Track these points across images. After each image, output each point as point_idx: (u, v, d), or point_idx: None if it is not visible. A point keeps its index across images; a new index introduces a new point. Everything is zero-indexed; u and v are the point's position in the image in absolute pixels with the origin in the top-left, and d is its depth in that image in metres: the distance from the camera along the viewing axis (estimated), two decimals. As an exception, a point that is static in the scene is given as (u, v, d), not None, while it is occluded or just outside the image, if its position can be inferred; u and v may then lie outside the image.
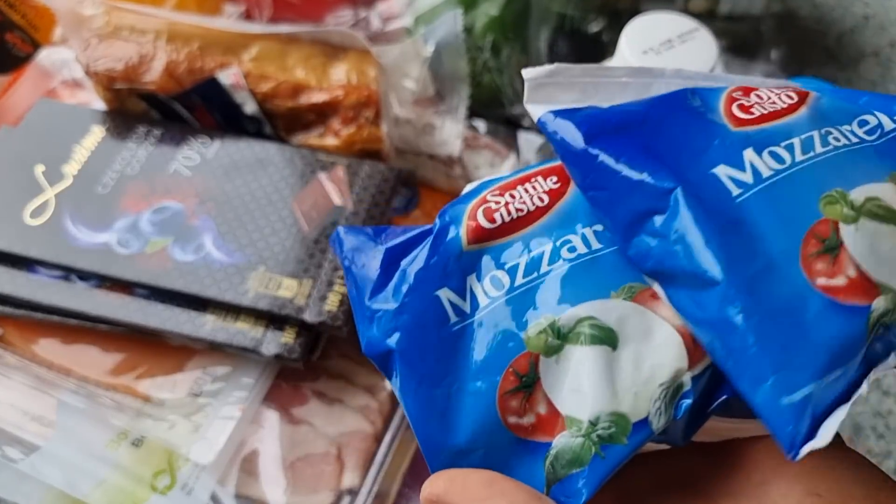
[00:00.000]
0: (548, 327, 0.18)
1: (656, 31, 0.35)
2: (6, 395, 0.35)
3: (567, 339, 0.17)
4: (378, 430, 0.37)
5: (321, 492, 0.35)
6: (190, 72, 0.40)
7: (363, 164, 0.40)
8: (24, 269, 0.37)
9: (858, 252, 0.16)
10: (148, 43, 0.40)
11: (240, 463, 0.35)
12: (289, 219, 0.38)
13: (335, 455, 0.36)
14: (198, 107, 0.41)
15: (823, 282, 0.16)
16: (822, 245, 0.16)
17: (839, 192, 0.17)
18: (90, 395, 0.36)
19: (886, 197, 0.17)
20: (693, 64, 0.34)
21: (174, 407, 0.36)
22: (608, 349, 0.17)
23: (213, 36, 0.41)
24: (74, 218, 0.37)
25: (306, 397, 0.37)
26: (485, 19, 0.45)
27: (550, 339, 0.18)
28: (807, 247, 0.16)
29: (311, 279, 0.36)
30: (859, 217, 0.17)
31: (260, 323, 0.35)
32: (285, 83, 0.40)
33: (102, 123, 0.41)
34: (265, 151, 0.40)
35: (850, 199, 0.17)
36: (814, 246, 0.16)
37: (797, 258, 0.16)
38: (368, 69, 0.41)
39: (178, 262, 0.36)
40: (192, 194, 0.38)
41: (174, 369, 0.37)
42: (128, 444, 0.34)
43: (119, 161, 0.40)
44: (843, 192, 0.17)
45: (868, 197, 0.17)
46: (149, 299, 0.36)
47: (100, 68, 0.40)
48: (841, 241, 0.16)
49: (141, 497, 0.33)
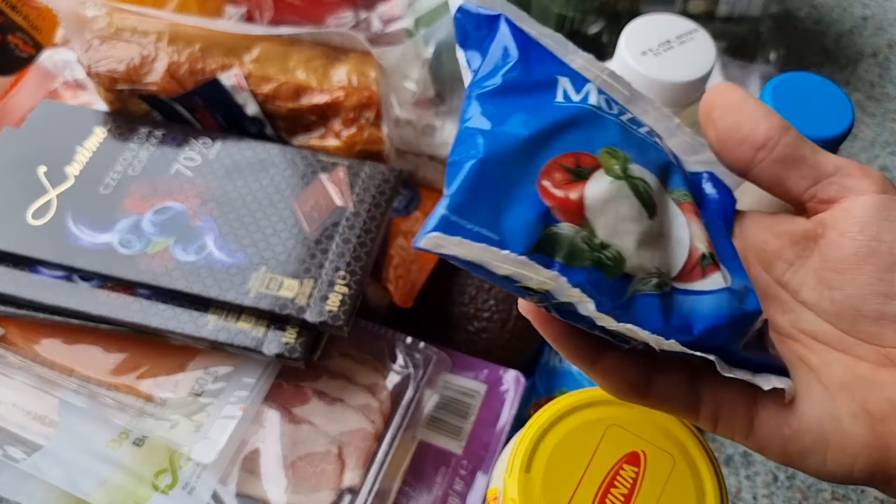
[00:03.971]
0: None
1: (655, 32, 0.35)
2: (8, 395, 0.35)
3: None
4: (379, 429, 0.37)
5: (322, 490, 0.35)
6: (191, 73, 0.40)
7: (364, 165, 0.40)
8: (26, 269, 0.37)
9: (593, 193, 0.19)
10: (150, 44, 0.40)
11: (241, 462, 0.35)
12: (290, 219, 0.38)
13: (336, 454, 0.36)
14: (199, 108, 0.42)
15: (548, 184, 0.18)
16: (574, 167, 0.19)
17: (625, 156, 0.20)
18: (92, 394, 0.36)
19: (657, 193, 0.20)
20: (692, 65, 0.34)
21: (176, 406, 0.36)
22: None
23: (214, 37, 0.41)
24: (76, 218, 0.38)
25: (307, 396, 0.37)
26: (485, 21, 0.45)
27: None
28: (564, 159, 0.19)
29: (313, 279, 0.36)
30: (622, 179, 0.19)
31: (261, 323, 0.36)
32: (286, 84, 0.40)
33: (104, 124, 0.41)
34: (266, 152, 0.40)
35: (629, 165, 0.20)
36: (569, 163, 0.19)
37: (549, 157, 0.19)
38: (369, 70, 0.41)
39: (180, 262, 0.36)
40: (193, 195, 0.39)
41: (176, 369, 0.37)
42: (129, 443, 0.34)
43: (121, 162, 0.40)
44: (628, 158, 0.20)
45: (644, 178, 0.20)
46: (151, 299, 0.36)
47: (102, 69, 0.40)
48: (588, 177, 0.19)
49: (143, 496, 0.33)
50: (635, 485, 0.26)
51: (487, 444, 0.39)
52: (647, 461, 0.27)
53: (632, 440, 0.27)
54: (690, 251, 0.20)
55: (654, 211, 0.20)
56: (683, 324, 0.19)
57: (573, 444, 0.27)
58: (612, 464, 0.27)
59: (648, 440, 0.27)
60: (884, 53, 0.61)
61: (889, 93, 0.59)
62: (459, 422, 0.40)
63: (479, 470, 0.38)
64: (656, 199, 0.20)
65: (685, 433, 0.28)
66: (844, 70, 0.60)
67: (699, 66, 0.34)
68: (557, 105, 0.20)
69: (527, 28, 0.22)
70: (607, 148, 0.19)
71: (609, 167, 0.19)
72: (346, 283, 0.36)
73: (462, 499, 0.37)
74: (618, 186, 0.19)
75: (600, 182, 0.19)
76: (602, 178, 0.19)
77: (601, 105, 0.20)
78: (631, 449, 0.27)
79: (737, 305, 0.20)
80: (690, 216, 0.21)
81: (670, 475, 0.27)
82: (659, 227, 0.20)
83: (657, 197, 0.20)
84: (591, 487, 0.26)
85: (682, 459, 0.27)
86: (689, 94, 0.35)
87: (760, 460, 0.43)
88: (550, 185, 0.18)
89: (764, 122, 0.21)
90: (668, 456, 0.27)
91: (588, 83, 0.21)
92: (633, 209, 0.19)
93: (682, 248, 0.20)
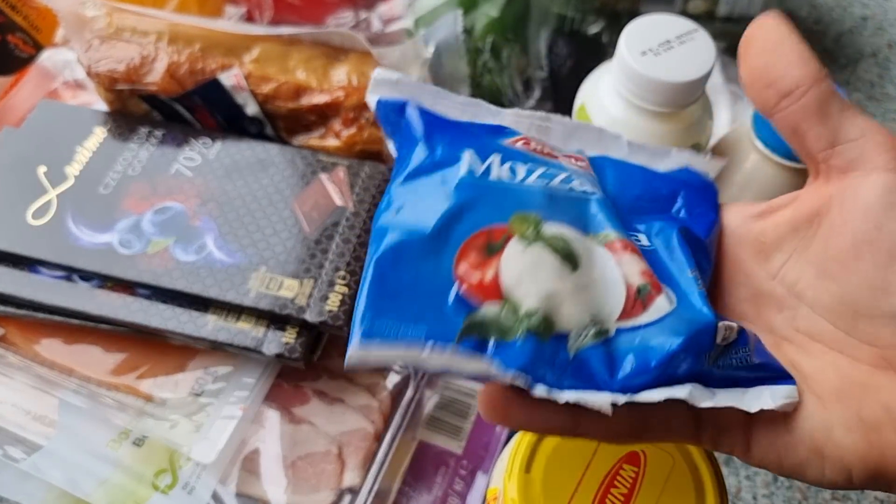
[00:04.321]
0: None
1: (655, 32, 0.35)
2: (8, 395, 0.35)
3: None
4: (379, 429, 0.37)
5: (322, 490, 0.35)
6: (191, 73, 0.40)
7: (364, 165, 0.40)
8: (26, 269, 0.37)
9: (508, 265, 0.19)
10: (149, 44, 0.40)
11: (241, 462, 0.35)
12: (290, 219, 0.38)
13: (336, 454, 0.36)
14: (199, 108, 0.42)
15: (464, 270, 0.18)
16: (486, 243, 0.19)
17: (536, 218, 0.19)
18: (92, 394, 0.36)
19: (577, 243, 0.20)
20: (692, 65, 0.34)
21: (176, 406, 0.36)
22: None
23: (214, 37, 0.41)
24: (76, 218, 0.38)
25: (307, 397, 0.37)
26: (485, 20, 0.46)
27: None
28: (476, 237, 0.19)
29: (313, 279, 0.36)
30: (535, 242, 0.19)
31: (261, 323, 0.36)
32: (286, 84, 0.40)
33: (104, 124, 0.41)
34: (266, 152, 0.40)
35: (542, 227, 0.19)
36: (481, 240, 0.19)
37: (461, 242, 0.19)
38: (369, 70, 0.41)
39: (180, 262, 0.36)
40: (193, 195, 0.39)
41: (176, 369, 0.37)
42: (129, 443, 0.34)
43: (121, 162, 0.40)
44: (539, 219, 0.19)
45: (559, 234, 0.19)
46: (150, 299, 0.36)
47: (101, 69, 0.40)
48: (502, 249, 0.19)
49: (143, 496, 0.33)
50: (635, 485, 0.26)
51: (487, 444, 0.39)
52: (647, 461, 0.27)
53: (632, 440, 0.27)
54: (626, 288, 0.20)
55: (576, 263, 0.19)
56: (640, 362, 0.19)
57: (573, 444, 0.27)
58: (611, 464, 0.27)
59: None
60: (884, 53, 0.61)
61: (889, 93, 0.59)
62: (459, 422, 0.40)
63: (479, 470, 0.38)
64: (578, 251, 0.19)
65: (685, 433, 0.28)
66: (844, 70, 0.60)
67: (699, 66, 0.34)
68: (462, 184, 0.20)
69: (442, 105, 0.22)
70: (517, 214, 0.19)
71: (521, 233, 0.19)
72: (346, 283, 0.36)
73: (462, 499, 0.37)
74: (532, 251, 0.19)
75: (513, 252, 0.19)
76: (514, 247, 0.19)
77: (513, 168, 0.21)
78: (630, 449, 0.27)
79: (688, 325, 0.19)
80: (621, 254, 0.20)
81: (670, 475, 0.27)
82: (587, 276, 0.19)
83: (579, 247, 0.20)
84: (590, 487, 0.26)
85: (681, 459, 0.27)
86: (689, 94, 0.35)
87: (760, 460, 0.43)
88: (467, 268, 0.18)
89: (796, 68, 0.20)
90: (668, 456, 0.27)
91: (492, 154, 0.21)
92: (553, 268, 0.19)
93: (617, 287, 0.20)
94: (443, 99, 0.23)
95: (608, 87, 0.38)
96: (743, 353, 0.20)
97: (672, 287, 0.20)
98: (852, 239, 0.20)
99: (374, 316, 0.17)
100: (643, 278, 0.20)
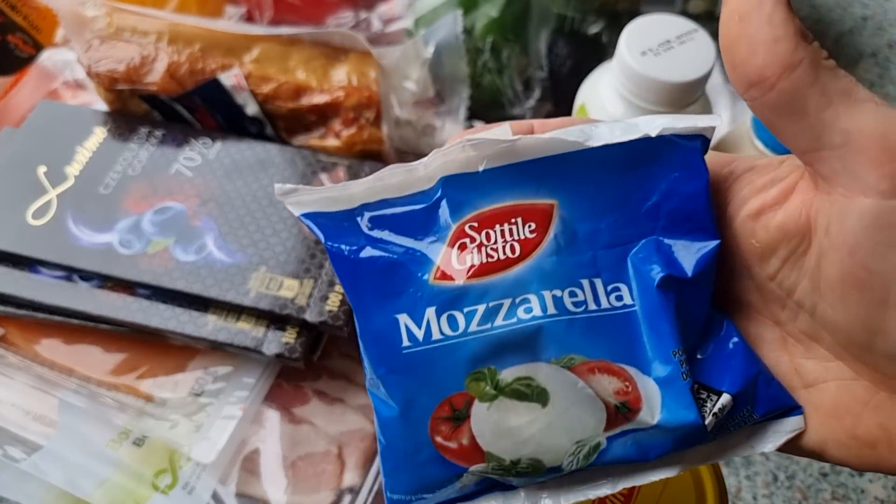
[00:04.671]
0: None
1: (655, 32, 0.35)
2: (8, 395, 0.35)
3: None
4: (379, 429, 0.37)
5: (322, 490, 0.35)
6: (191, 73, 0.40)
7: (364, 165, 0.40)
8: (26, 269, 0.37)
9: (478, 427, 0.19)
10: (149, 44, 0.40)
11: (241, 462, 0.35)
12: (290, 219, 0.38)
13: (336, 454, 0.36)
14: (199, 108, 0.42)
15: (440, 440, 0.19)
16: (451, 413, 0.19)
17: (490, 371, 0.19)
18: (92, 394, 0.36)
19: (541, 376, 0.19)
20: (692, 65, 0.34)
21: (176, 406, 0.36)
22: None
23: (214, 37, 0.41)
24: (76, 218, 0.38)
25: (307, 397, 0.37)
26: (485, 20, 0.46)
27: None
28: (440, 411, 0.19)
29: (312, 279, 0.36)
30: (498, 397, 0.19)
31: (261, 323, 0.36)
32: (286, 84, 0.40)
33: (104, 124, 0.41)
34: (266, 152, 0.40)
35: (499, 378, 0.19)
36: (445, 412, 0.19)
37: (428, 417, 0.19)
38: (369, 70, 0.41)
39: (180, 262, 0.36)
40: (193, 195, 0.39)
41: (176, 369, 0.37)
42: (129, 443, 0.34)
43: (121, 162, 0.40)
44: (494, 371, 0.19)
45: (519, 377, 0.19)
46: (151, 299, 0.36)
47: (101, 69, 0.40)
48: (469, 414, 0.19)
49: (143, 496, 0.33)
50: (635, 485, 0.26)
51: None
52: (647, 461, 0.27)
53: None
54: (605, 406, 0.19)
55: (546, 398, 0.19)
56: (638, 453, 0.19)
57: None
58: (611, 464, 0.27)
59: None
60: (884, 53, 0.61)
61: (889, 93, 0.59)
62: (459, 422, 0.40)
63: (478, 470, 0.38)
64: (544, 384, 0.19)
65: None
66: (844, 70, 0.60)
67: (699, 66, 0.34)
68: (406, 355, 0.19)
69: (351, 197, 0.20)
70: (471, 374, 0.19)
71: (481, 394, 0.19)
72: (345, 283, 0.36)
73: (462, 499, 0.37)
74: (496, 407, 0.19)
75: (479, 414, 0.19)
76: (479, 410, 0.19)
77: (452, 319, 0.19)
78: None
79: (674, 432, 0.19)
80: (589, 376, 0.19)
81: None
82: (561, 404, 0.19)
83: (545, 380, 0.19)
84: (590, 487, 0.26)
85: (681, 459, 0.27)
86: (688, 94, 0.35)
87: (760, 460, 0.43)
88: (442, 439, 0.19)
89: (762, 52, 0.16)
90: (668, 456, 0.27)
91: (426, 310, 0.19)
92: (523, 414, 0.19)
93: (595, 405, 0.19)
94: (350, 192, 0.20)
95: (608, 87, 0.38)
96: (745, 413, 0.20)
97: (652, 373, 0.19)
98: (841, 276, 0.17)
99: (391, 492, 0.20)
100: (620, 398, 0.19)
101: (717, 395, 0.19)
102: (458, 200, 0.20)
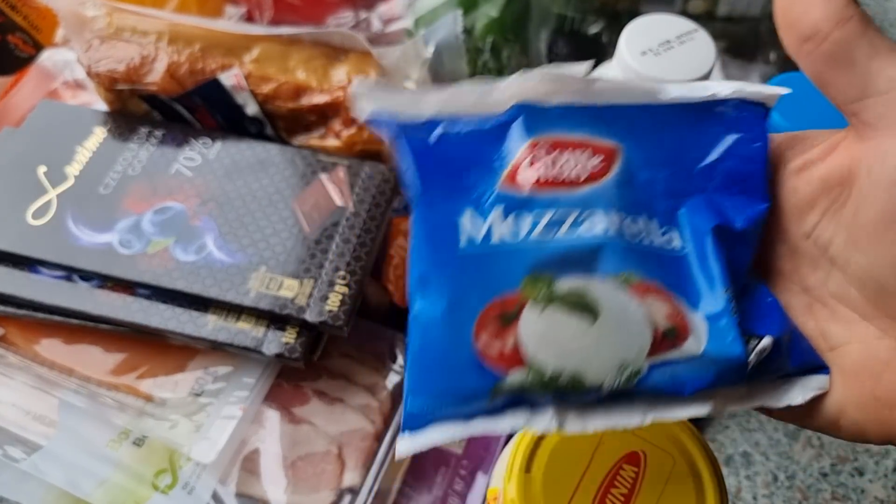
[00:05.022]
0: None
1: (655, 32, 0.35)
2: (8, 395, 0.35)
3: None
4: (379, 429, 0.37)
5: (322, 491, 0.35)
6: (191, 73, 0.40)
7: (364, 165, 0.40)
8: (26, 269, 0.37)
9: (526, 332, 0.19)
10: (149, 44, 0.40)
11: (241, 462, 0.35)
12: (290, 219, 0.38)
13: (336, 454, 0.36)
14: (199, 108, 0.42)
15: (484, 340, 0.19)
16: (500, 313, 0.19)
17: (547, 278, 0.19)
18: (92, 394, 0.36)
19: (595, 292, 0.19)
20: (692, 65, 0.34)
21: (176, 406, 0.36)
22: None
23: (214, 37, 0.41)
24: (76, 218, 0.38)
25: (307, 397, 0.37)
26: (485, 20, 0.46)
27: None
28: (489, 310, 0.19)
29: (313, 279, 0.36)
30: (550, 304, 0.19)
31: (261, 323, 0.36)
32: (286, 84, 0.40)
33: (104, 124, 0.41)
34: (266, 152, 0.40)
35: (554, 286, 0.19)
36: (495, 311, 0.19)
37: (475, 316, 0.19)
38: (369, 70, 0.41)
39: (180, 262, 0.36)
40: (193, 195, 0.39)
41: (176, 369, 0.37)
42: (129, 443, 0.34)
43: (121, 162, 0.40)
44: (550, 278, 0.19)
45: (574, 288, 0.19)
46: (150, 299, 0.36)
47: (101, 69, 0.40)
48: (518, 317, 0.19)
49: (143, 496, 0.33)
50: (635, 485, 0.26)
51: (488, 445, 0.39)
52: (647, 461, 0.27)
53: (631, 440, 0.27)
54: (653, 331, 0.19)
55: (597, 313, 0.19)
56: (674, 386, 0.19)
57: (573, 444, 0.27)
58: (611, 464, 0.27)
59: (648, 440, 0.27)
60: (884, 53, 0.61)
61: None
62: (459, 422, 0.40)
63: (479, 470, 0.38)
64: (597, 299, 0.19)
65: (685, 433, 0.28)
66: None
67: (699, 66, 0.34)
68: (463, 255, 0.19)
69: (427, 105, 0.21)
70: (527, 278, 0.19)
71: (534, 298, 0.19)
72: (346, 283, 0.36)
73: (462, 499, 0.37)
74: (548, 314, 0.19)
75: (529, 318, 0.19)
76: (530, 314, 0.19)
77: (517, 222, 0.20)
78: (631, 449, 0.27)
79: (718, 365, 0.19)
80: (644, 296, 0.20)
81: (670, 475, 0.27)
82: (610, 323, 0.19)
83: (598, 295, 0.19)
84: (591, 487, 0.26)
85: (682, 459, 0.27)
86: (689, 94, 0.35)
87: (760, 460, 0.43)
88: (486, 340, 0.19)
89: (817, 7, 0.18)
90: (668, 456, 0.27)
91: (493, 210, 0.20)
92: (573, 326, 0.19)
93: (643, 328, 0.19)
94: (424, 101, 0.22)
95: (608, 87, 0.38)
96: (778, 363, 0.20)
97: (701, 308, 0.20)
98: (880, 212, 0.18)
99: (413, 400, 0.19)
100: (669, 321, 0.19)
101: (759, 339, 0.20)
102: (532, 122, 0.21)
